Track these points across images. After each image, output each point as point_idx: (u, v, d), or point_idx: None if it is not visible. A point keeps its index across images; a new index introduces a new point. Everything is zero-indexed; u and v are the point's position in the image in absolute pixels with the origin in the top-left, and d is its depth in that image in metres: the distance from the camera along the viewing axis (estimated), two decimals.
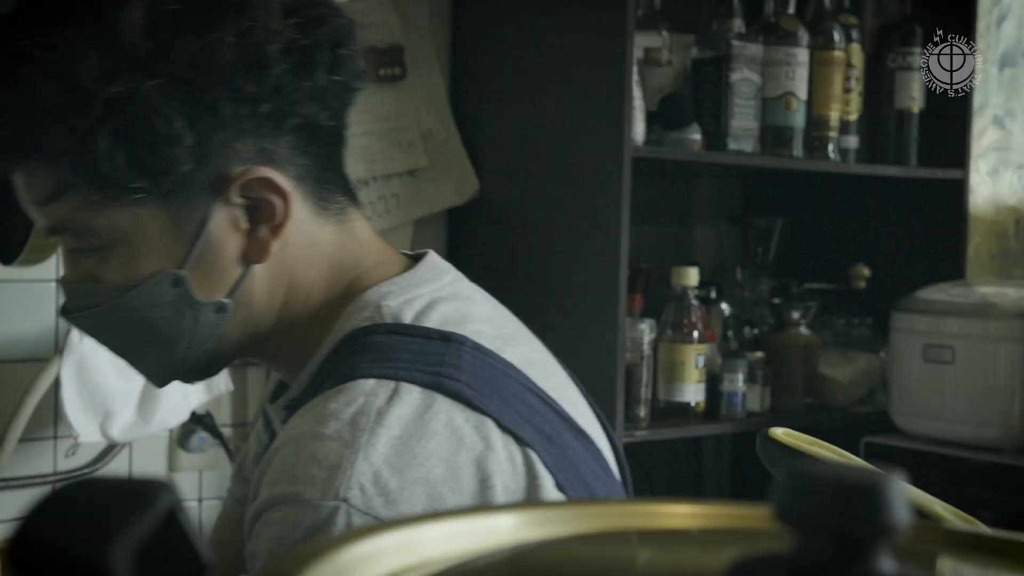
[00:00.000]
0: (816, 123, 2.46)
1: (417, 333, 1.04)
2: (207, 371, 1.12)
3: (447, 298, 1.08)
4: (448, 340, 1.04)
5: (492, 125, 2.35)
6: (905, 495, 0.41)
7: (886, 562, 0.40)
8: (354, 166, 2.25)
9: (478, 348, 1.05)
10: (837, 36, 2.47)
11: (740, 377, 2.40)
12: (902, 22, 2.60)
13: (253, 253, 1.05)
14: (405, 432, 0.97)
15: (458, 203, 2.35)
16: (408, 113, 2.30)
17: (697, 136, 2.29)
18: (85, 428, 1.97)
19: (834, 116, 2.47)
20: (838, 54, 2.47)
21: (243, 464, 1.31)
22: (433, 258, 1.15)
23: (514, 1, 2.32)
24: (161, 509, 0.38)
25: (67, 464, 2.08)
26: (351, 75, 1.06)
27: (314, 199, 1.07)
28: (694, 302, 2.34)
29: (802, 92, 2.41)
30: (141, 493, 0.38)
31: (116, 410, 2.00)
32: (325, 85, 1.03)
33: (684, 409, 2.33)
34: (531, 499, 0.99)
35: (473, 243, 2.39)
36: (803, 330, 2.57)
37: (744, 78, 2.35)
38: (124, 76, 0.98)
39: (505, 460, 0.99)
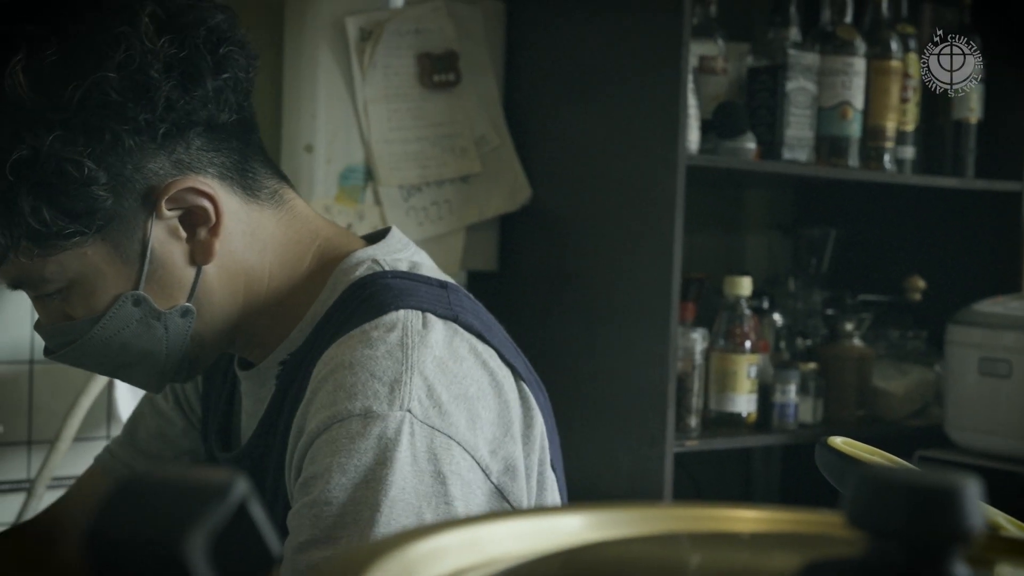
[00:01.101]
0: (872, 133, 2.44)
1: (420, 279, 1.12)
2: (193, 369, 1.17)
3: (420, 263, 1.16)
4: (445, 286, 1.13)
5: (545, 132, 2.35)
6: (979, 501, 0.40)
7: (960, 568, 0.40)
8: (407, 171, 2.26)
9: (468, 296, 1.16)
10: (894, 45, 2.45)
11: (792, 388, 2.38)
12: (960, 32, 2.58)
13: (199, 255, 1.10)
14: (443, 353, 1.05)
15: (510, 210, 2.35)
16: (461, 119, 2.31)
17: (752, 145, 2.28)
18: None
19: (890, 126, 2.45)
20: (895, 64, 2.45)
21: (136, 432, 1.34)
22: (397, 232, 1.21)
23: (569, 8, 2.32)
24: (233, 501, 0.38)
25: None
26: (239, 68, 1.08)
27: (242, 190, 1.11)
28: (747, 312, 2.33)
29: (858, 102, 2.39)
30: (213, 485, 0.38)
31: None
32: (215, 87, 1.06)
33: (735, 419, 2.31)
34: (529, 428, 1.10)
35: (525, 250, 2.39)
36: (857, 342, 2.55)
37: (800, 87, 2.34)
38: (25, 136, 1.01)
39: (512, 388, 1.10)
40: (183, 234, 1.09)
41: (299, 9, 2.19)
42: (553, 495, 1.15)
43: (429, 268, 1.16)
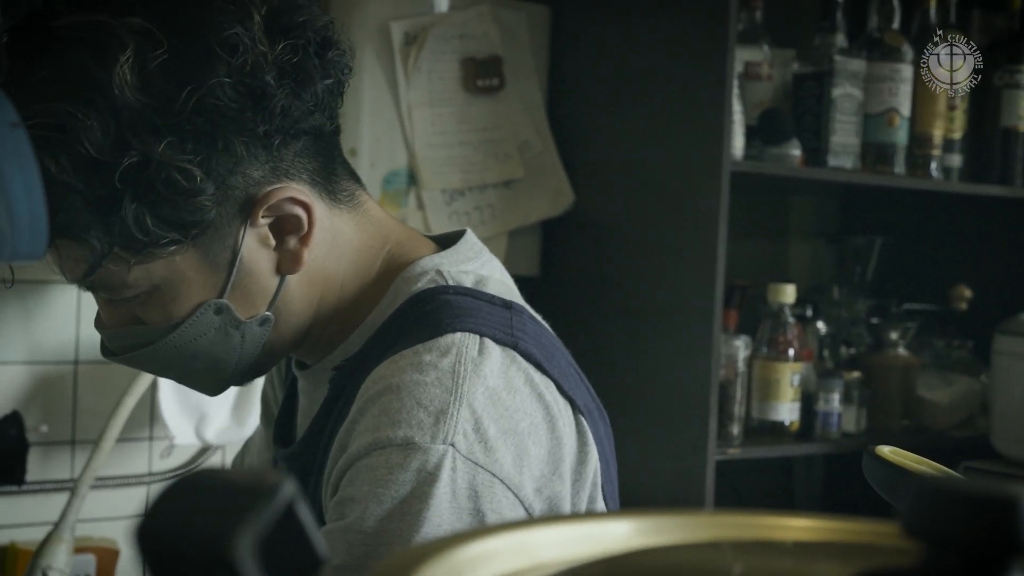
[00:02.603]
0: (919, 140, 2.42)
1: (483, 297, 1.07)
2: (255, 374, 1.14)
3: (488, 276, 1.11)
4: (510, 307, 1.08)
5: (589, 137, 2.34)
6: None
7: None
8: (450, 175, 2.26)
9: (533, 319, 1.10)
10: None
11: (836, 397, 2.36)
12: (1010, 39, 2.55)
13: (287, 265, 1.06)
14: (496, 384, 1.00)
15: (553, 215, 2.35)
16: (505, 124, 2.31)
17: (797, 151, 2.26)
18: (181, 430, 2.00)
19: (938, 134, 2.43)
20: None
21: (250, 444, 1.35)
22: (471, 236, 1.16)
23: (613, 13, 2.31)
24: (281, 503, 0.38)
25: (162, 465, 2.11)
26: (341, 72, 1.05)
27: (327, 195, 1.08)
28: (790, 320, 2.31)
29: (905, 109, 2.37)
30: (261, 486, 0.38)
31: (211, 413, 2.03)
32: (321, 92, 1.03)
33: (778, 428, 2.30)
34: (582, 465, 1.05)
35: (567, 255, 2.38)
36: (901, 351, 2.53)
37: (846, 94, 2.32)
38: (133, 140, 0.96)
39: (569, 423, 1.04)
40: (272, 242, 1.05)
41: (344, 13, 2.20)
42: None
43: (497, 283, 1.11)
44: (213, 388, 1.15)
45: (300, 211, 1.04)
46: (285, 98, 0.99)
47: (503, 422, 0.99)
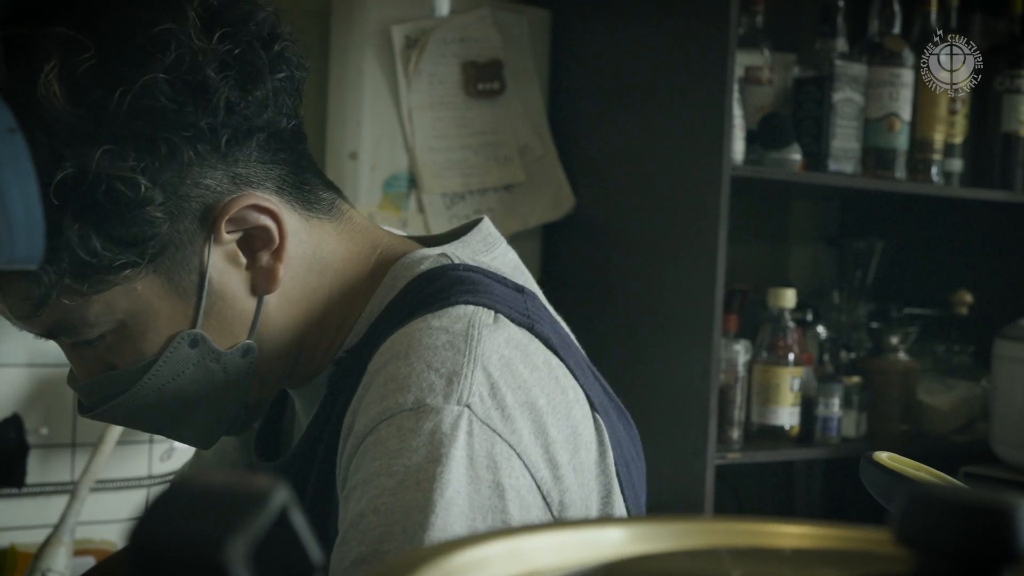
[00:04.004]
0: (920, 145, 2.42)
1: (494, 277, 0.99)
2: (251, 416, 1.05)
3: (499, 270, 1.02)
4: (523, 291, 1.00)
5: (589, 141, 2.35)
6: None
7: None
8: (450, 179, 2.27)
9: (547, 307, 1.02)
10: None
11: (836, 402, 2.36)
12: (1010, 43, 2.55)
13: (262, 284, 0.98)
14: (513, 355, 0.91)
15: (554, 219, 2.35)
16: (505, 128, 2.31)
17: (797, 156, 2.27)
18: None
19: (938, 138, 2.43)
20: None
21: (201, 452, 1.22)
22: (485, 227, 1.08)
23: (614, 17, 2.32)
24: (274, 508, 0.38)
25: (161, 468, 2.11)
26: (294, 67, 0.97)
27: (300, 206, 0.99)
28: (790, 324, 2.32)
29: (906, 113, 2.37)
30: (255, 492, 0.38)
31: None
32: (273, 88, 0.95)
33: (778, 432, 2.30)
34: (602, 465, 0.96)
35: (568, 259, 2.38)
36: (902, 356, 2.53)
37: (846, 98, 2.32)
38: (67, 153, 0.88)
39: (586, 415, 0.96)
40: (243, 260, 0.96)
41: (345, 17, 2.20)
42: None
43: (510, 274, 1.03)
44: (206, 437, 1.05)
45: (267, 220, 0.96)
46: (229, 91, 0.92)
47: (520, 394, 0.90)
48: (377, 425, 0.87)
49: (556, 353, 0.95)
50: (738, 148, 2.19)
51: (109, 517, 2.05)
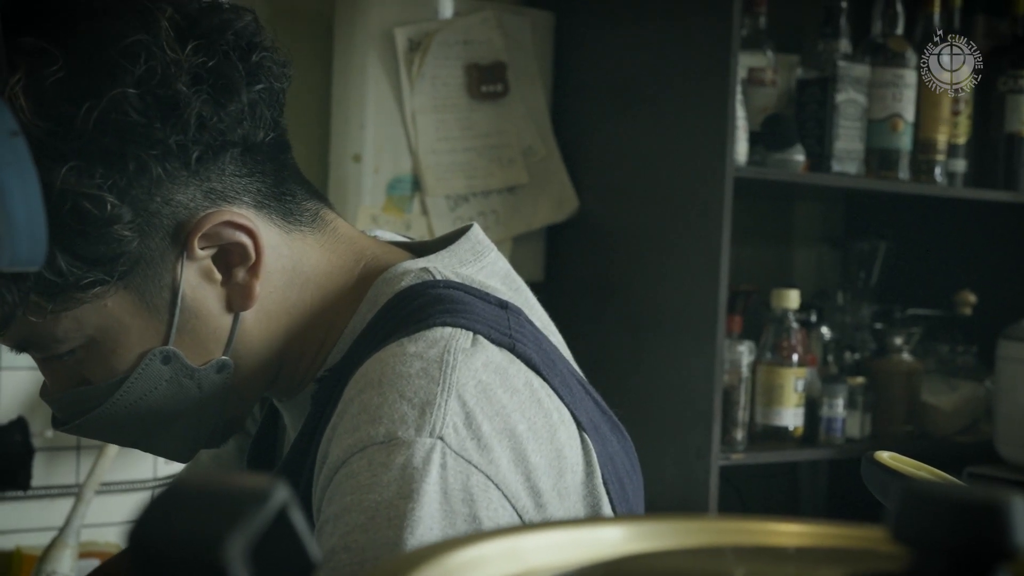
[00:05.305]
0: (923, 146, 2.42)
1: (476, 293, 0.96)
2: (228, 430, 1.03)
3: (484, 284, 1.00)
4: (506, 307, 0.97)
5: (593, 143, 2.35)
6: None
7: None
8: (454, 181, 2.27)
9: (532, 323, 0.99)
10: None
11: (840, 402, 2.36)
12: (1013, 44, 2.55)
13: (238, 301, 0.95)
14: (491, 380, 0.89)
15: (557, 220, 2.35)
16: (509, 130, 2.31)
17: (800, 157, 2.27)
18: None
19: (942, 139, 2.43)
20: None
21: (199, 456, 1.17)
22: (474, 236, 1.05)
23: (617, 19, 2.32)
24: (273, 507, 0.38)
25: (166, 470, 2.12)
26: (274, 77, 0.94)
27: (281, 218, 0.96)
28: (794, 325, 2.32)
29: (909, 114, 2.37)
30: (254, 491, 0.38)
31: None
32: (249, 100, 0.92)
33: (782, 433, 2.30)
34: (589, 486, 0.93)
35: (571, 261, 2.38)
36: (906, 356, 2.53)
37: (850, 99, 2.32)
38: None
39: (573, 436, 0.93)
40: (218, 276, 0.94)
41: (348, 20, 2.21)
42: None
43: (494, 290, 0.99)
44: (183, 451, 1.03)
45: (243, 237, 0.93)
46: (202, 105, 0.89)
47: (498, 421, 0.87)
48: (349, 458, 0.85)
49: (539, 373, 0.92)
50: (741, 149, 2.19)
51: (114, 520, 2.05)
